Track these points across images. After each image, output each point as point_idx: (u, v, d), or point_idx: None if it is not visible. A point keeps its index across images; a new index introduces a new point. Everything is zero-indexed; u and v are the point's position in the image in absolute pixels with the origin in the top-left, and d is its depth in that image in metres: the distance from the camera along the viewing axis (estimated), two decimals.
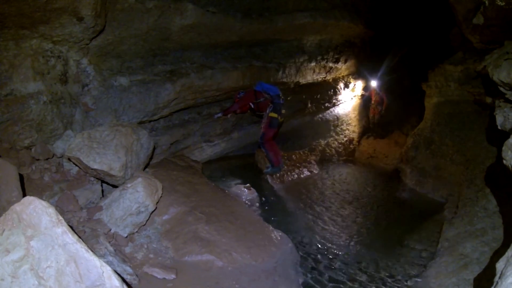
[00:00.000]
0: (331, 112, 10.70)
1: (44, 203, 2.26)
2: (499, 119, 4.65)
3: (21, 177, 3.54)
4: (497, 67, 4.50)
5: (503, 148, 3.93)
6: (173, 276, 3.65)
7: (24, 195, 3.22)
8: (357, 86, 11.45)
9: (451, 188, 7.31)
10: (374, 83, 11.69)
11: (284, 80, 8.06)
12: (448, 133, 8.15)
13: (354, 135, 11.79)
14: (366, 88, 11.70)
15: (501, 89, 4.53)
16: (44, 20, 4.02)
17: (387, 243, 5.74)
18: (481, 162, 6.58)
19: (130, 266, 3.57)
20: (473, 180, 6.41)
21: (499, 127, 4.63)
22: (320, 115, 10.27)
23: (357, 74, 11.17)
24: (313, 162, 9.07)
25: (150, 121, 5.76)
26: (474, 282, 3.86)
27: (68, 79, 4.59)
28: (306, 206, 6.80)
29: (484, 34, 6.02)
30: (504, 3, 4.58)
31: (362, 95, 11.84)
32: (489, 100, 6.00)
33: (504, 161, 3.89)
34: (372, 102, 11.99)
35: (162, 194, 4.60)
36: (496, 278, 2.41)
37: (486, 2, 4.82)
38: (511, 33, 5.02)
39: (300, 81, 8.63)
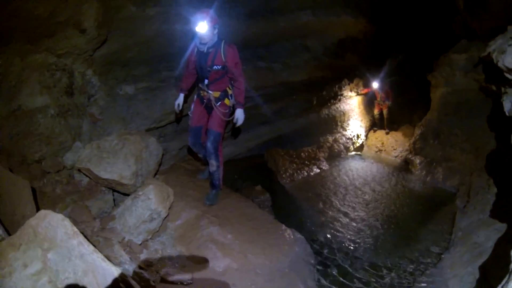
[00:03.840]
0: (337, 108, 10.68)
1: (58, 215, 2.29)
2: (506, 106, 4.62)
3: (33, 191, 3.58)
4: (501, 53, 4.47)
5: None
6: (189, 280, 3.68)
7: (37, 208, 3.26)
8: (362, 81, 11.42)
9: (461, 178, 7.29)
10: (376, 84, 11.55)
11: (290, 79, 8.05)
12: (456, 123, 8.12)
13: (361, 130, 11.77)
14: (369, 84, 11.63)
15: (507, 75, 4.49)
16: (48, 34, 4.08)
17: (401, 235, 5.74)
18: (491, 149, 6.55)
19: (146, 273, 3.60)
20: (483, 168, 6.38)
21: (507, 114, 4.60)
22: (327, 112, 10.25)
23: (361, 69, 11.13)
24: (322, 158, 9.07)
25: (158, 128, 5.77)
26: (489, 270, 3.84)
27: (74, 91, 4.62)
28: (317, 204, 6.80)
29: (487, 21, 5.98)
30: None
31: (367, 91, 11.79)
32: (495, 87, 5.96)
33: None
34: (378, 99, 11.89)
35: (173, 199, 4.62)
36: (511, 266, 2.40)
37: None
38: None
39: (305, 79, 8.61)
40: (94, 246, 2.39)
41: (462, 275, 4.09)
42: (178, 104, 4.89)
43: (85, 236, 2.41)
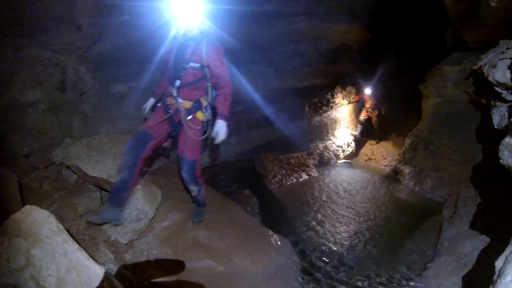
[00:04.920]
0: (329, 115, 10.72)
1: (44, 212, 2.27)
2: (495, 119, 4.66)
3: (20, 185, 3.55)
4: (492, 67, 4.52)
5: (500, 147, 3.95)
6: (174, 282, 3.66)
7: (23, 203, 3.22)
8: (355, 89, 11.47)
9: (450, 188, 7.33)
10: (368, 90, 11.54)
11: (282, 85, 8.06)
12: (447, 134, 8.18)
13: (352, 138, 11.80)
14: (361, 91, 11.66)
15: (497, 89, 4.54)
16: (43, 29, 4.04)
17: (387, 244, 5.75)
18: (480, 161, 6.61)
19: (130, 273, 3.57)
20: (472, 180, 6.43)
21: (495, 127, 4.64)
22: (318, 119, 10.28)
23: (355, 76, 11.18)
24: (311, 165, 9.09)
25: None
26: (474, 281, 3.87)
27: (66, 87, 4.59)
28: (304, 210, 6.80)
29: (479, 33, 6.04)
30: (498, 4, 4.61)
31: (358, 98, 11.83)
32: (485, 100, 6.02)
33: (501, 161, 3.91)
34: (367, 105, 11.87)
35: (161, 200, 4.60)
36: (495, 277, 2.42)
37: (481, 2, 4.85)
38: (505, 32, 5.05)
39: (297, 85, 8.63)
40: (79, 244, 2.37)
41: (447, 285, 4.11)
42: (144, 108, 4.32)
43: (71, 234, 2.39)
